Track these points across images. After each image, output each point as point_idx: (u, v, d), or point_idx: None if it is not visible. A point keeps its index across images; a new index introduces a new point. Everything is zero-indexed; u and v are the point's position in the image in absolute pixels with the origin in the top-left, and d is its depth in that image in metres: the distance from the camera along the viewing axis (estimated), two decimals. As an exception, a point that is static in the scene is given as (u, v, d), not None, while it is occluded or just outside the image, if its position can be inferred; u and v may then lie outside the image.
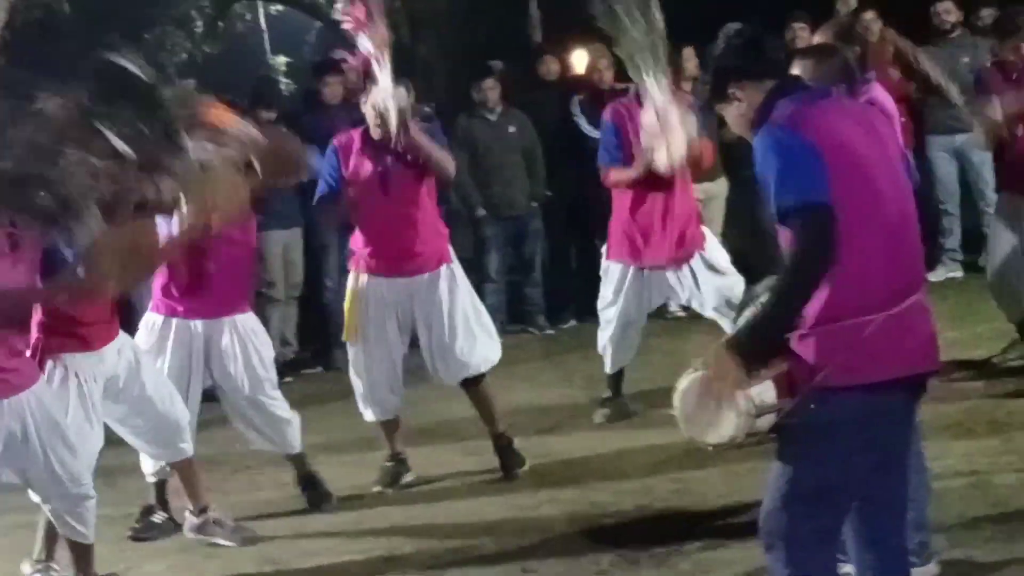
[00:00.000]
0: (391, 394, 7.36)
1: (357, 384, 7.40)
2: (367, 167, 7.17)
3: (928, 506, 5.10)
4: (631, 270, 7.93)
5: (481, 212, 11.16)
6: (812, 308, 4.03)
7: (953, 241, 11.34)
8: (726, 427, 4.06)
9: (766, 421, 4.09)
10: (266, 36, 26.51)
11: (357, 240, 7.36)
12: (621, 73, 10.98)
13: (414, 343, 7.41)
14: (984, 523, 5.79)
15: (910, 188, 4.27)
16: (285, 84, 22.25)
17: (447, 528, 6.67)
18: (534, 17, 15.60)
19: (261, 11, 25.66)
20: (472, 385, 7.45)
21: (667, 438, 6.68)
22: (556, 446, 7.82)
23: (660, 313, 9.53)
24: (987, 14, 11.48)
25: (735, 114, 4.28)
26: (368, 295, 7.26)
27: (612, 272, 8.03)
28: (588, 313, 9.20)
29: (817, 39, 6.52)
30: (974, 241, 11.43)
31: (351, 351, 7.43)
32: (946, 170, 11.18)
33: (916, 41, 11.29)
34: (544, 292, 11.48)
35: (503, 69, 11.83)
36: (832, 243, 3.94)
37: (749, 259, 8.75)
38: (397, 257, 7.21)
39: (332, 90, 10.58)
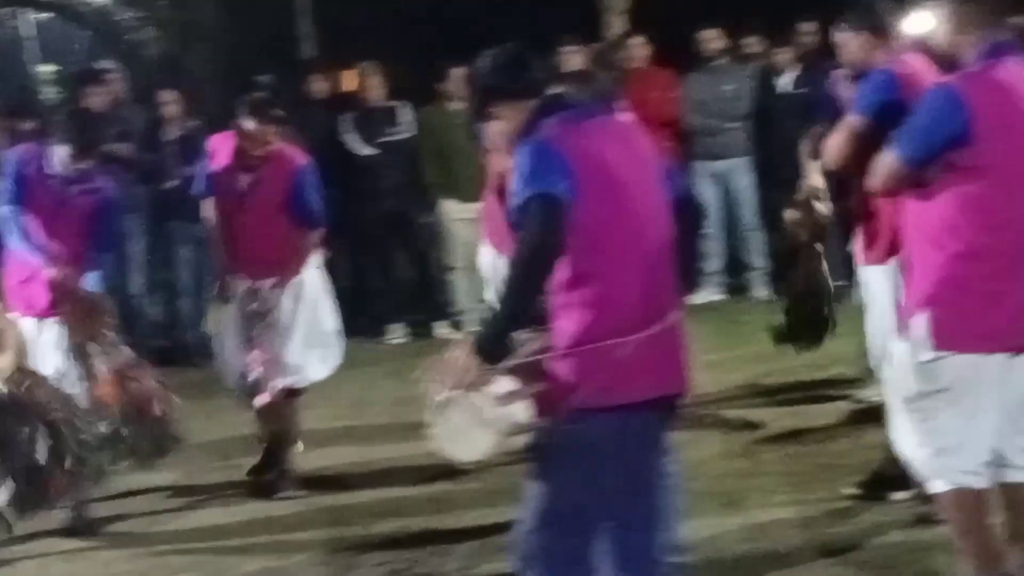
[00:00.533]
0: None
1: (222, 372, 7.69)
2: (231, 175, 7.36)
3: (681, 527, 5.14)
4: None
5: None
6: (567, 329, 4.05)
7: (714, 265, 11.56)
8: (480, 445, 4.06)
9: (520, 440, 4.10)
10: (32, 44, 25.80)
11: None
12: (392, 91, 11.02)
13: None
14: (736, 544, 5.89)
15: (668, 211, 4.30)
16: (54, 92, 21.69)
17: (196, 544, 6.59)
18: (305, 32, 15.48)
19: (27, 18, 24.97)
20: (287, 396, 7.50)
21: (429, 455, 6.63)
22: (317, 461, 7.74)
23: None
24: (751, 42, 11.80)
25: (498, 132, 4.28)
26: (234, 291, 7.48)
27: None
28: (353, 333, 9.10)
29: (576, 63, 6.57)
30: (734, 265, 11.71)
31: (215, 342, 7.72)
32: (709, 195, 11.40)
33: (682, 67, 11.52)
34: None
35: (273, 84, 11.69)
36: (559, 230, 3.95)
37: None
38: (249, 262, 7.38)
39: (95, 100, 10.33)
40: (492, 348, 3.99)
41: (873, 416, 6.79)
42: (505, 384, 4.04)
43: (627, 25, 12.58)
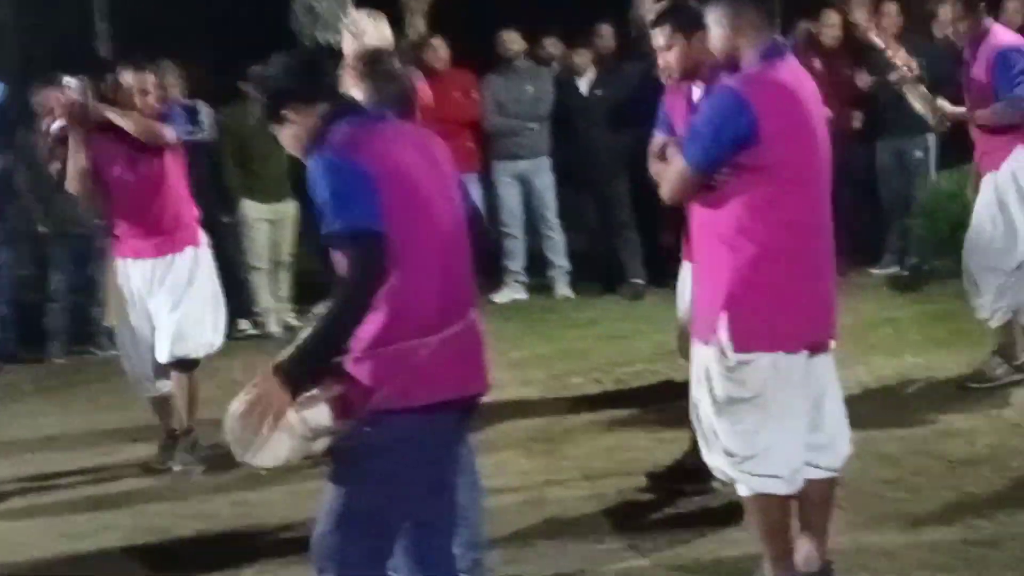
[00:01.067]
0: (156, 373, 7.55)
1: (126, 365, 7.64)
2: (112, 150, 7.34)
3: (483, 524, 5.20)
4: None
5: (43, 228, 10.77)
6: (367, 332, 4.04)
7: (517, 264, 11.67)
8: (280, 450, 4.02)
9: (321, 444, 4.08)
10: None
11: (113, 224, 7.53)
12: (191, 91, 10.87)
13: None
14: (537, 539, 5.94)
15: (463, 212, 4.33)
16: None
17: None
18: (102, 31, 15.20)
19: None
20: (184, 368, 7.48)
21: (228, 460, 6.59)
22: (102, 458, 7.67)
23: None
24: (551, 43, 11.93)
25: (289, 136, 4.26)
26: (127, 278, 7.45)
27: None
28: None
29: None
30: (536, 264, 11.83)
31: (117, 334, 7.74)
32: (510, 194, 11.50)
33: (482, 68, 11.59)
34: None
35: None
36: (382, 270, 3.96)
37: (323, 279, 8.74)
38: (144, 237, 7.41)
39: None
40: (302, 379, 3.97)
41: (672, 412, 6.95)
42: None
43: (427, 26, 12.60)
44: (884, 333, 9.23)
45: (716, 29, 4.84)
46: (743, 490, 4.89)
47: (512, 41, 11.59)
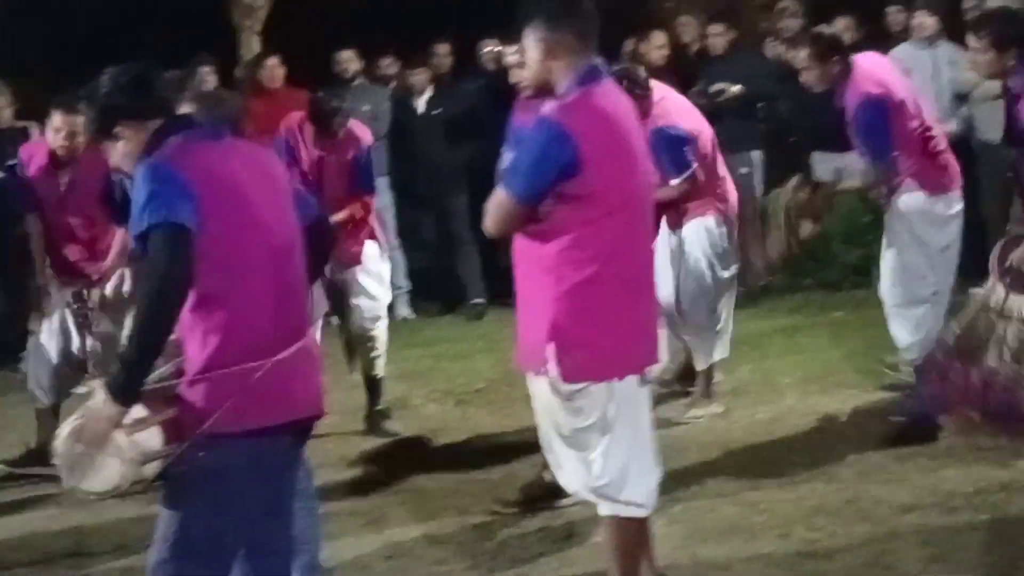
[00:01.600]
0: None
1: (27, 368, 7.95)
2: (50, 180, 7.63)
3: (321, 549, 5.14)
4: None
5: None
6: (200, 354, 3.98)
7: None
8: (110, 475, 3.93)
9: (152, 468, 4.00)
10: None
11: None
12: (22, 111, 10.64)
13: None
14: (376, 563, 5.91)
15: (300, 232, 4.27)
16: None
17: None
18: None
19: None
20: None
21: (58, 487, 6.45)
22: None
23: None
24: (387, 63, 11.91)
25: (121, 152, 4.18)
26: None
27: None
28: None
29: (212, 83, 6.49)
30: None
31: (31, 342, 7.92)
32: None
33: (317, 86, 11.51)
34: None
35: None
36: (187, 261, 3.89)
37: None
38: (70, 266, 7.69)
39: None
40: (128, 390, 3.90)
41: (513, 432, 6.99)
42: (135, 410, 3.94)
43: (262, 46, 12.53)
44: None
45: (531, 53, 4.77)
46: (604, 509, 4.87)
47: (348, 60, 11.56)
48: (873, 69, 7.12)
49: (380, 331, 8.16)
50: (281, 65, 11.41)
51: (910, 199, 7.10)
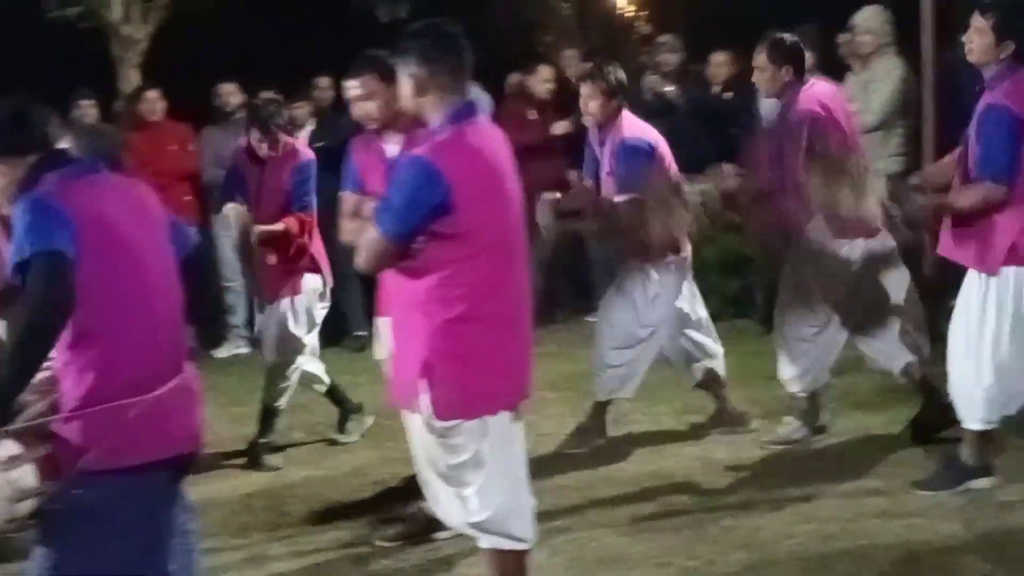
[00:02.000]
0: None
1: None
2: None
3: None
4: None
5: None
6: (76, 390, 3.97)
7: (238, 318, 11.51)
8: (-15, 513, 3.87)
9: (27, 506, 3.95)
10: None
11: None
12: None
13: None
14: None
15: (175, 266, 4.27)
16: None
17: None
18: None
19: None
20: None
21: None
22: None
23: None
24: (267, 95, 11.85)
25: None
26: None
27: None
28: None
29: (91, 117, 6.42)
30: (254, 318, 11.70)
31: None
32: (229, 247, 11.31)
33: (200, 121, 11.46)
34: None
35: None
36: (67, 287, 3.88)
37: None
38: None
39: None
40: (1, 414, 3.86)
41: (394, 464, 6.95)
42: (8, 448, 3.91)
43: (141, 79, 12.44)
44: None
45: (403, 89, 4.81)
46: (484, 542, 4.90)
47: (229, 94, 11.49)
48: (826, 94, 7.18)
49: (293, 365, 8.02)
50: (162, 98, 11.33)
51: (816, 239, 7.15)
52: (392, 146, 6.02)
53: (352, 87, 6.08)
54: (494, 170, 4.75)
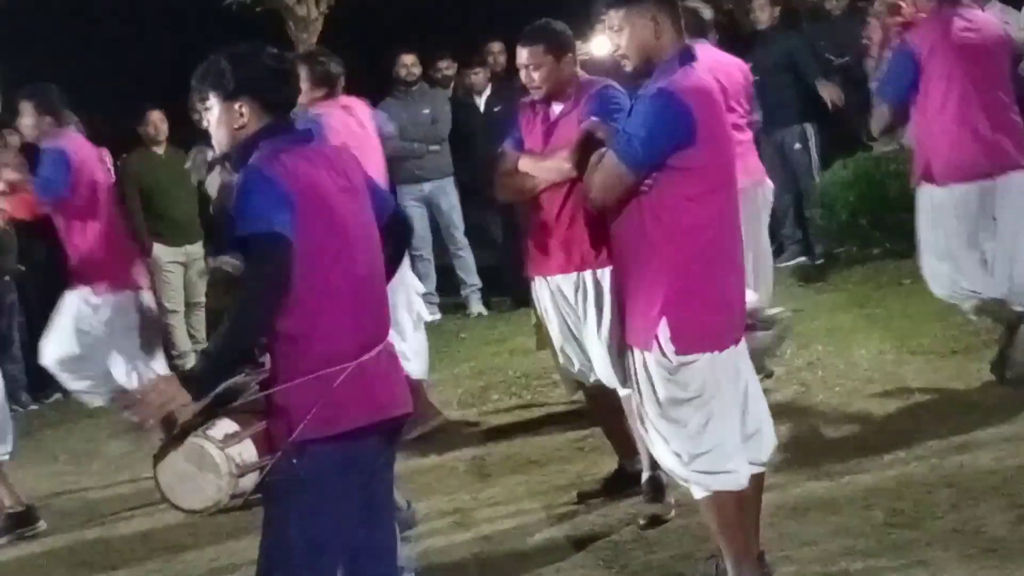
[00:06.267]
0: None
1: None
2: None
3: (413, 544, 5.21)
4: None
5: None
6: (283, 362, 4.06)
7: (429, 285, 11.67)
8: (210, 491, 3.98)
9: (250, 480, 4.06)
10: None
11: None
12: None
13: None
14: (468, 564, 5.97)
15: (377, 236, 4.32)
16: None
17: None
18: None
19: None
20: None
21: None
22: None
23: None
24: (444, 64, 11.99)
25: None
26: None
27: None
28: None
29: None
30: (447, 284, 11.88)
31: None
32: (416, 217, 11.49)
33: (375, 93, 11.61)
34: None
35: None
36: (287, 273, 3.97)
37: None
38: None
39: None
40: (207, 384, 3.97)
41: (590, 421, 7.03)
42: (226, 425, 4.03)
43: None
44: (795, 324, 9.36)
45: (642, 31, 4.86)
46: (697, 492, 4.94)
47: (411, 64, 11.63)
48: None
49: None
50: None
51: None
52: (557, 106, 6.11)
53: (521, 56, 6.17)
54: (721, 110, 4.90)
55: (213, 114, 4.27)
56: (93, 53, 15.00)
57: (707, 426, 4.83)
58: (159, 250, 10.95)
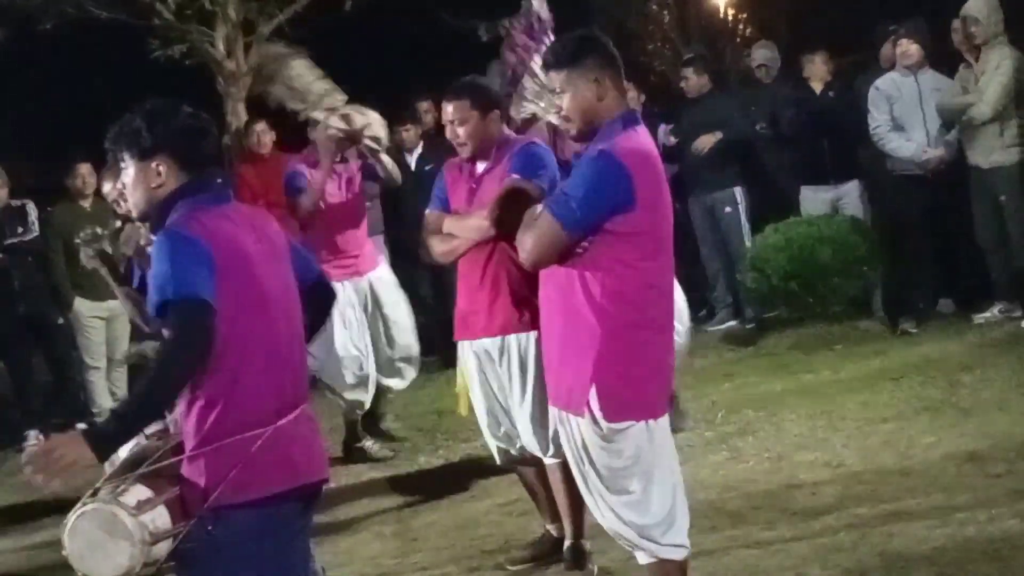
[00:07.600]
0: None
1: None
2: None
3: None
4: None
5: None
6: (200, 427, 3.97)
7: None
8: (121, 559, 3.87)
9: (163, 548, 3.96)
10: None
11: None
12: (14, 189, 10.68)
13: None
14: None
15: (298, 300, 4.25)
16: None
17: None
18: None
19: None
20: None
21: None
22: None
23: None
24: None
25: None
26: None
27: None
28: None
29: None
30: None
31: None
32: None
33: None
34: None
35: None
36: (209, 338, 3.88)
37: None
38: None
39: None
40: (111, 442, 3.86)
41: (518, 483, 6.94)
42: (139, 491, 3.93)
43: (248, 113, 12.58)
44: (724, 388, 9.33)
45: (584, 93, 4.79)
46: (643, 557, 4.89)
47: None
48: None
49: None
50: (270, 130, 11.43)
51: None
52: (481, 164, 6.05)
53: (447, 111, 6.12)
54: (661, 175, 4.83)
55: (129, 174, 4.17)
56: (22, 101, 14.85)
57: (650, 494, 4.78)
58: (81, 304, 10.77)
